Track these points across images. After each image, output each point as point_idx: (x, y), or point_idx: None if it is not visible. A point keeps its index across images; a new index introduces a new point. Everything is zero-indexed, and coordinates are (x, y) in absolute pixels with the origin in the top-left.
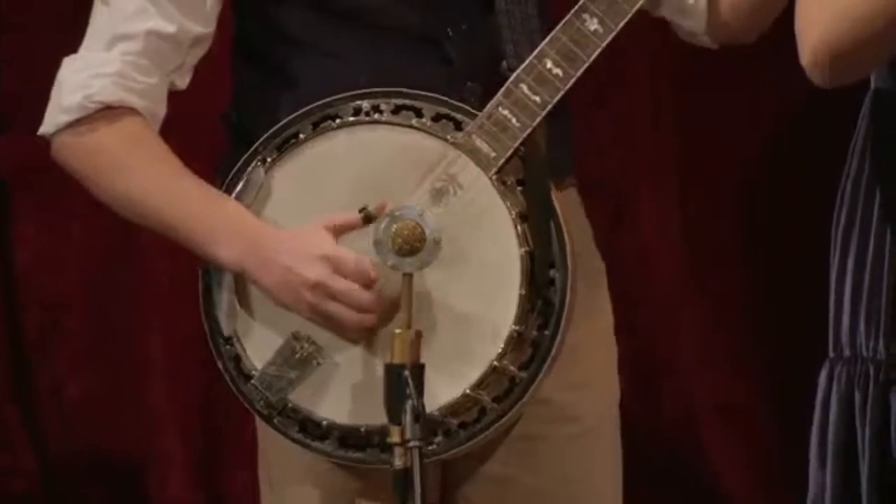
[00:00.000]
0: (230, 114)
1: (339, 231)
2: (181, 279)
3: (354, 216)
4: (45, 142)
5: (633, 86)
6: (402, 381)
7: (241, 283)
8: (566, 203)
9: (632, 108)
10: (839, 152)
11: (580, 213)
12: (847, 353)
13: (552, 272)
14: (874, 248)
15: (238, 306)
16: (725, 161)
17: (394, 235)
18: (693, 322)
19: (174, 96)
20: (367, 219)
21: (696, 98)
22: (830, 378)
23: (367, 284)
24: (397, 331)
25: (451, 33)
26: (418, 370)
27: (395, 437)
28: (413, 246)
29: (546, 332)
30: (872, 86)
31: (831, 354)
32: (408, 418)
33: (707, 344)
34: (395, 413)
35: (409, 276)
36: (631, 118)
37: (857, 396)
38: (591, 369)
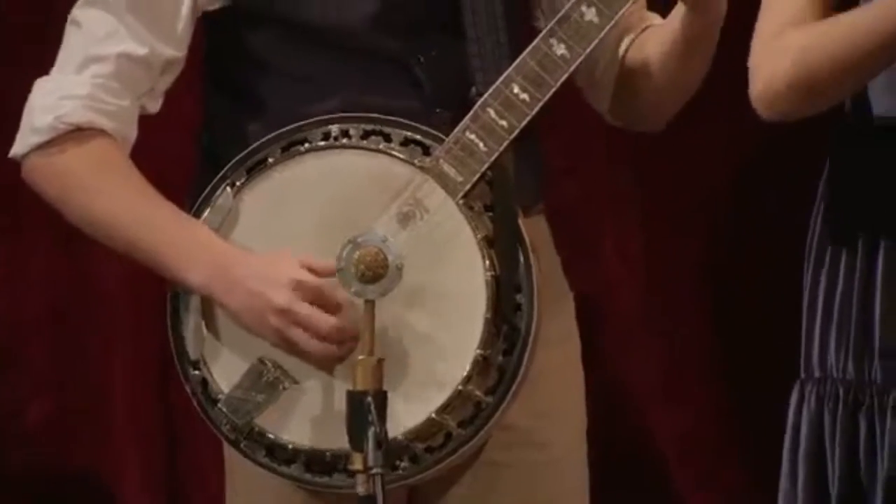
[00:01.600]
0: (201, 136)
1: (311, 272)
2: (143, 304)
3: (331, 267)
4: (9, 166)
5: (587, 114)
6: (365, 408)
7: (209, 307)
8: (534, 230)
9: (587, 137)
10: (801, 181)
11: (548, 239)
12: (817, 373)
13: (518, 297)
14: (844, 278)
15: (205, 330)
16: (687, 190)
17: (356, 262)
18: (655, 352)
19: (144, 119)
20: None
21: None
22: (801, 399)
23: (333, 311)
24: (360, 357)
25: (421, 59)
26: (381, 397)
27: (357, 465)
28: (376, 272)
29: (512, 357)
30: (846, 110)
31: (802, 375)
32: (370, 445)
33: (669, 375)
34: (357, 440)
35: (371, 303)
36: (587, 147)
37: (827, 417)
38: (557, 396)
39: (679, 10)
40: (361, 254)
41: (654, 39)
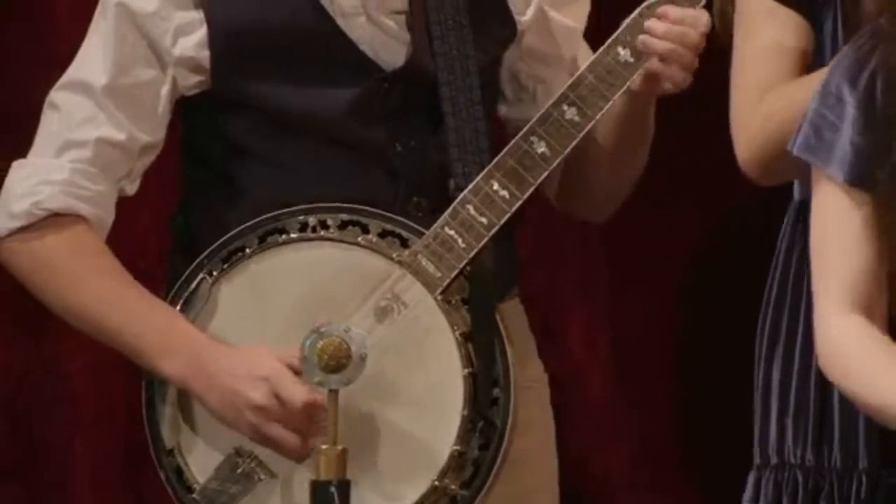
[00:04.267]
0: (175, 219)
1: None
2: (105, 394)
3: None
4: None
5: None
6: (329, 498)
7: (185, 397)
8: (510, 314)
9: (558, 223)
10: (766, 268)
11: (523, 322)
12: (774, 460)
13: (495, 391)
14: (800, 361)
15: (181, 419)
16: (654, 276)
17: (319, 352)
18: (622, 440)
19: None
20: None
21: (623, 211)
22: (758, 486)
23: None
24: (323, 447)
25: (399, 148)
26: (344, 486)
27: None
28: (339, 362)
29: (487, 452)
30: (796, 198)
31: (757, 461)
32: None
33: (637, 462)
34: None
35: (334, 393)
36: (558, 233)
37: (785, 503)
38: (533, 480)
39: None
40: (324, 344)
41: (600, 126)
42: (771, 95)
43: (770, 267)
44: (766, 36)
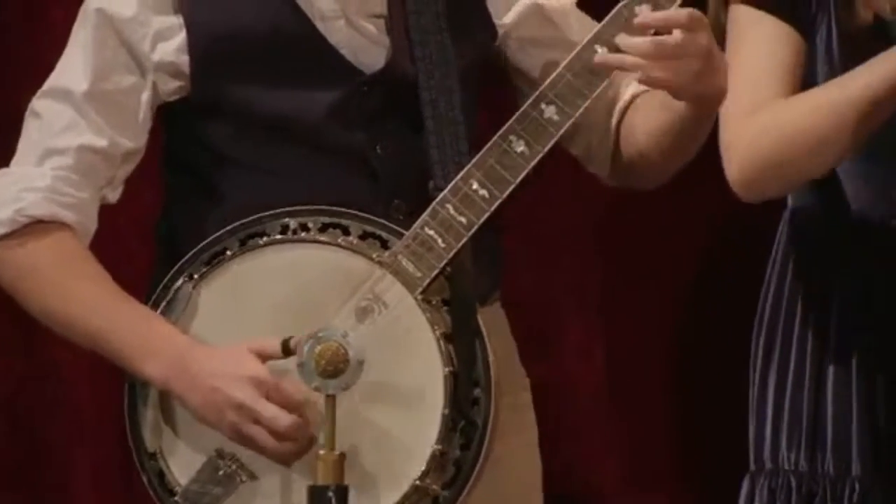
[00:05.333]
0: (159, 224)
1: (261, 357)
2: (104, 396)
3: (275, 347)
4: None
5: (556, 208)
6: (327, 503)
7: (167, 400)
8: (491, 318)
9: (552, 229)
10: (761, 276)
11: (505, 327)
12: (769, 465)
13: (476, 391)
14: (795, 367)
15: (163, 422)
16: (648, 285)
17: (317, 357)
18: (615, 446)
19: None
20: (286, 351)
21: (619, 220)
22: (752, 490)
23: (292, 409)
24: (321, 452)
25: (379, 151)
26: (342, 492)
27: None
28: (337, 367)
29: (469, 452)
30: (790, 205)
31: (752, 467)
32: None
33: (628, 471)
34: None
35: (331, 398)
36: (552, 240)
37: None
38: (515, 484)
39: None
40: (322, 349)
41: (646, 114)
42: (765, 112)
43: (765, 273)
44: (757, 47)
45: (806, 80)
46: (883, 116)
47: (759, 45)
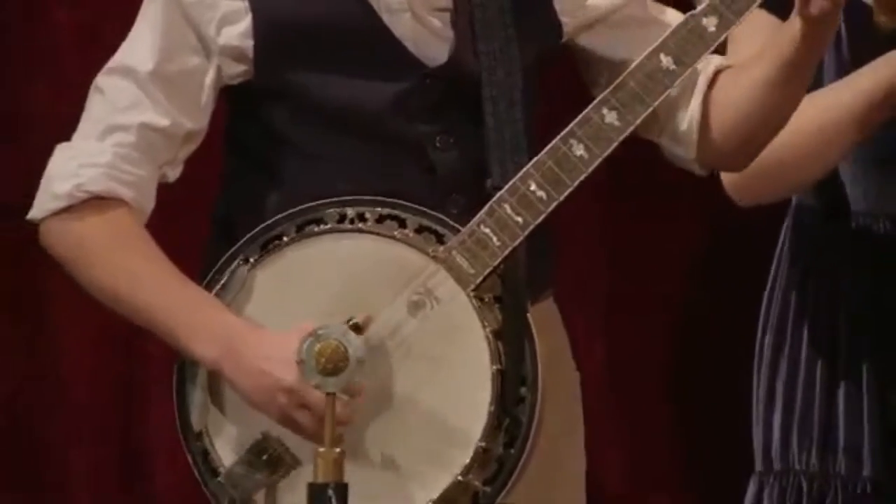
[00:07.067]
0: (217, 204)
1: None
2: (104, 397)
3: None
4: None
5: (561, 208)
6: (326, 501)
7: (215, 380)
8: (542, 316)
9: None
10: (763, 278)
11: (557, 322)
12: (778, 466)
13: (523, 390)
14: (805, 370)
15: (210, 403)
16: (651, 283)
17: (317, 355)
18: (617, 444)
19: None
20: (356, 328)
21: (621, 218)
22: (759, 491)
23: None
24: (320, 450)
25: (438, 144)
26: (342, 489)
27: None
28: (336, 365)
29: (513, 450)
30: (793, 202)
31: (759, 468)
32: None
33: (632, 467)
34: None
35: (331, 396)
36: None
37: None
38: (566, 484)
39: (786, 39)
40: (322, 347)
41: (749, 74)
42: None
43: (767, 271)
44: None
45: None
46: (875, 122)
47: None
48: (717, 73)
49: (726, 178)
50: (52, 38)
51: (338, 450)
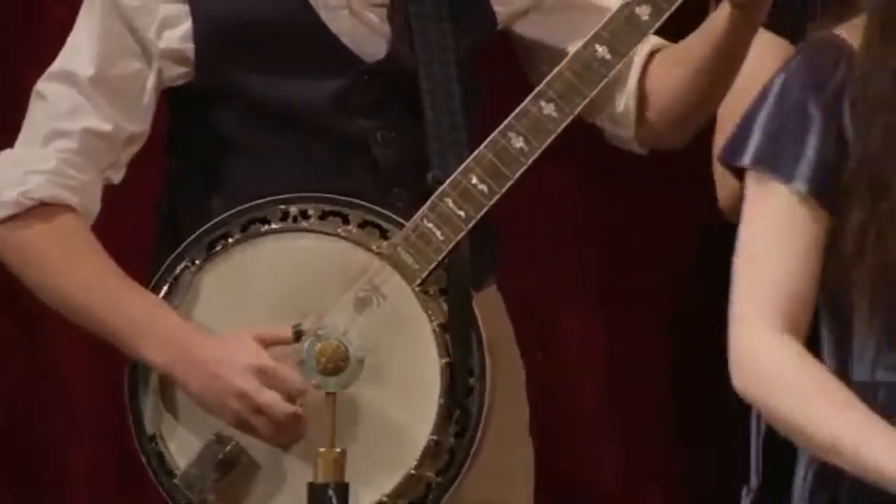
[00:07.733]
0: (160, 205)
1: (268, 344)
2: (103, 397)
3: (286, 333)
4: None
5: (556, 200)
6: (327, 501)
7: (167, 384)
8: (486, 303)
9: (551, 226)
10: None
11: (501, 310)
12: None
13: (471, 381)
14: None
15: (163, 406)
16: (648, 278)
17: (317, 354)
18: (615, 439)
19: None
20: (298, 336)
21: (618, 212)
22: None
23: (293, 399)
24: (321, 449)
25: (380, 139)
26: (342, 489)
27: None
28: (337, 365)
29: (463, 440)
30: None
31: (755, 485)
32: None
33: (629, 462)
34: None
35: (332, 396)
36: (551, 236)
37: None
38: (509, 465)
39: (717, 25)
40: (322, 347)
41: (681, 57)
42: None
43: None
44: (749, 63)
45: None
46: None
47: (750, 61)
48: (651, 53)
49: (722, 199)
50: (51, 36)
51: (338, 450)
